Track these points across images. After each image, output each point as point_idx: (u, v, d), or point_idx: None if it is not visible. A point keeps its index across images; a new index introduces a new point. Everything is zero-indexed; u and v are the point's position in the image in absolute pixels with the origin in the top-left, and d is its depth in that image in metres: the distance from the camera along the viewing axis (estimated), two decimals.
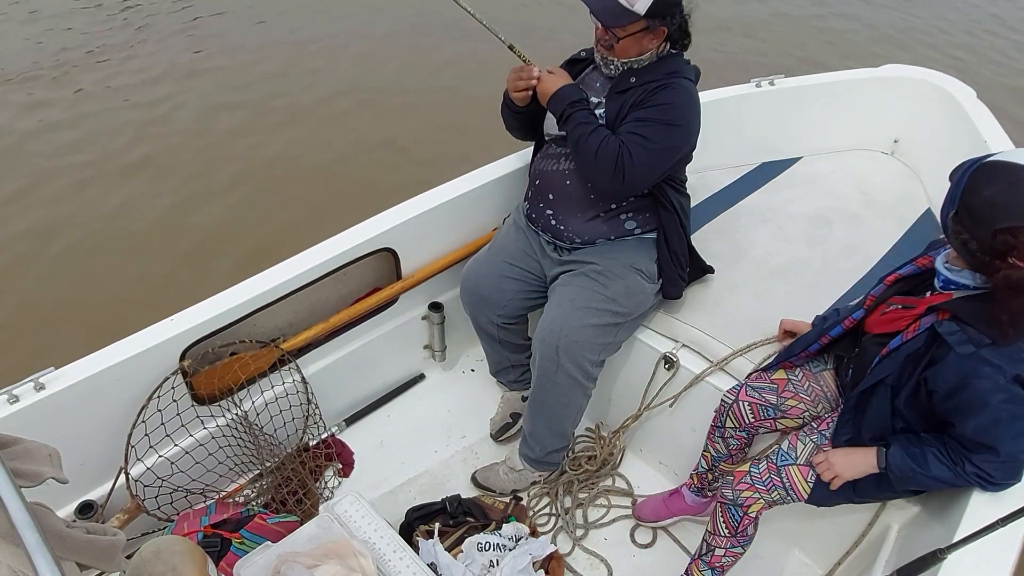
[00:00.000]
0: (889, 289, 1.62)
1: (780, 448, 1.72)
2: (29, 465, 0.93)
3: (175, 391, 1.88)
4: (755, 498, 1.70)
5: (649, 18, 1.82)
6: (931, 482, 1.48)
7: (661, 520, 2.13)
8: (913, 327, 1.46)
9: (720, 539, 1.78)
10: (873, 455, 1.55)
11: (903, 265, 1.63)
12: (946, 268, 1.45)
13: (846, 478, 1.57)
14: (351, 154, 4.58)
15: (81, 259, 3.68)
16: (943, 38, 6.43)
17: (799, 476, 1.66)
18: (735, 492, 1.72)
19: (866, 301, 1.66)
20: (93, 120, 4.83)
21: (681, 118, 1.88)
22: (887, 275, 1.65)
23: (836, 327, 1.71)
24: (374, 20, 6.28)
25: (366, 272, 2.25)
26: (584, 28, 1.99)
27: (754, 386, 1.82)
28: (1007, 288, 1.28)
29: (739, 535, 1.76)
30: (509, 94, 2.05)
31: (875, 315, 1.63)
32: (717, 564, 1.80)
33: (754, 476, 1.70)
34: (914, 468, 1.47)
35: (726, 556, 1.79)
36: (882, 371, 1.49)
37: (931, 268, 1.56)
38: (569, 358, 1.95)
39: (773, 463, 1.69)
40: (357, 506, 1.70)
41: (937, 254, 1.55)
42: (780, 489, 1.68)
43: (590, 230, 2.03)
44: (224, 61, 5.59)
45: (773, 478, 1.68)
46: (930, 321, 1.42)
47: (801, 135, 2.85)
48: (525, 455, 2.18)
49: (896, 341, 1.47)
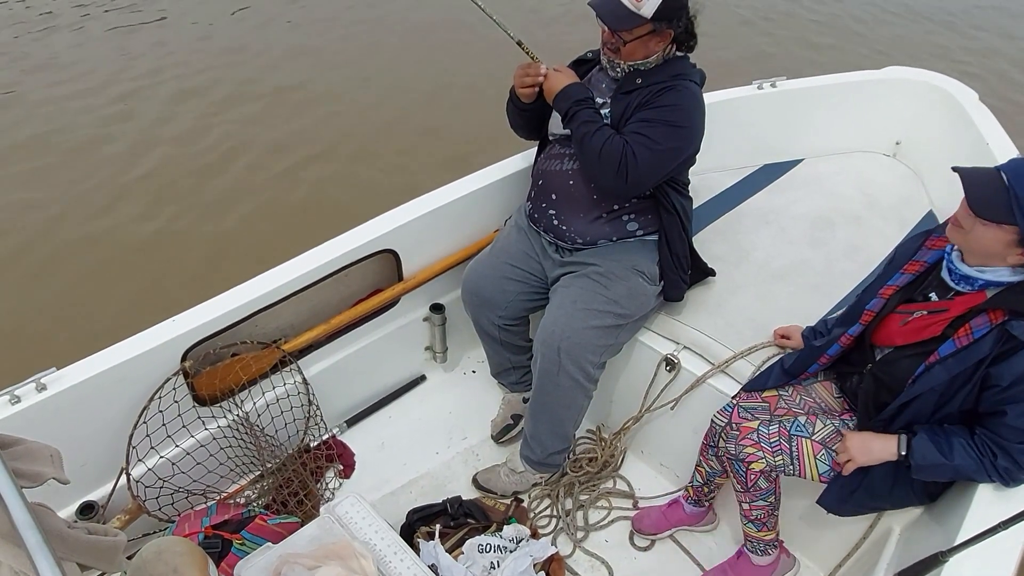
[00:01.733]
0: (891, 301, 1.60)
1: (797, 419, 1.71)
2: (31, 466, 0.94)
3: (176, 392, 1.88)
4: (758, 456, 1.69)
5: (656, 21, 1.82)
6: (951, 473, 1.48)
7: (661, 532, 2.12)
8: (963, 331, 1.43)
9: (740, 494, 1.81)
10: (892, 442, 1.52)
11: (895, 276, 1.62)
12: (977, 270, 1.44)
13: (859, 463, 1.55)
14: (352, 156, 4.58)
15: (81, 260, 3.68)
16: (943, 39, 6.43)
17: (810, 451, 1.66)
18: (738, 447, 1.72)
19: (863, 316, 1.63)
20: (92, 119, 4.83)
21: (686, 120, 1.88)
22: (881, 288, 1.63)
23: (833, 346, 1.69)
24: (375, 21, 6.29)
25: (367, 273, 2.25)
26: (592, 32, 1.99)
27: (745, 406, 1.82)
28: None
29: (751, 490, 1.76)
30: (515, 90, 2.05)
31: (888, 328, 1.60)
32: (752, 517, 1.82)
33: (761, 435, 1.70)
34: (939, 456, 1.45)
35: (753, 510, 1.80)
36: (933, 380, 1.46)
37: (924, 271, 1.55)
38: (571, 360, 1.94)
39: (786, 429, 1.69)
40: (358, 507, 1.70)
41: (928, 256, 1.55)
42: (785, 455, 1.67)
43: (592, 231, 2.03)
44: (226, 61, 5.60)
45: (782, 443, 1.68)
46: (983, 322, 1.41)
47: (803, 137, 2.85)
48: (526, 457, 2.18)
49: (948, 348, 1.45)
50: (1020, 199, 1.33)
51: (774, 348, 2.04)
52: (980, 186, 1.39)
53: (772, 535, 1.85)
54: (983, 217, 1.38)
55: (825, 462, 1.66)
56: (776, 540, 1.87)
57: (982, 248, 1.41)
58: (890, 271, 1.65)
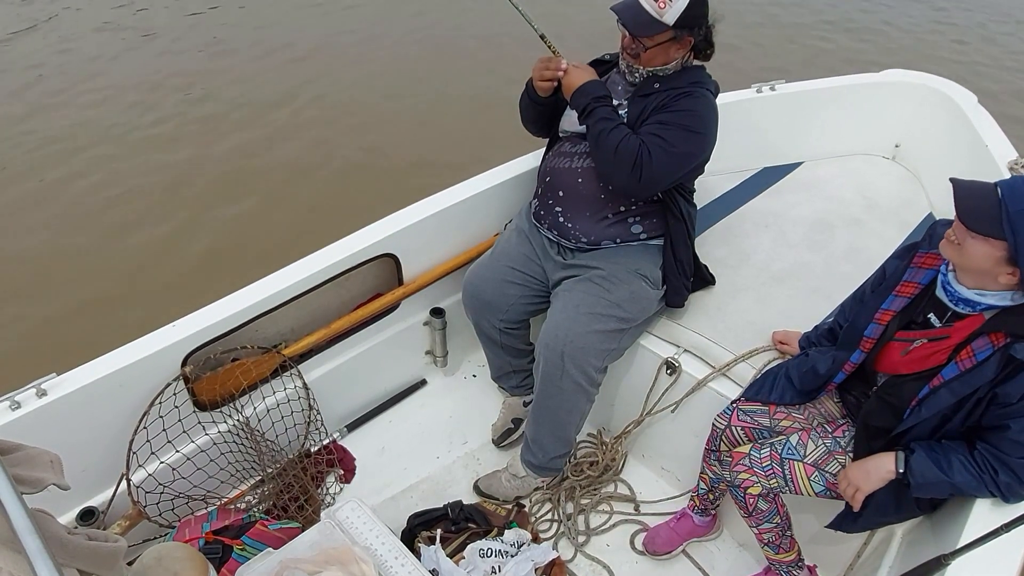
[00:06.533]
0: (889, 328, 1.58)
1: (788, 441, 1.70)
2: (31, 471, 0.93)
3: (177, 397, 1.87)
4: (753, 480, 1.69)
5: (677, 29, 1.83)
6: (951, 489, 1.46)
7: (675, 549, 2.10)
8: (964, 354, 1.42)
9: (745, 519, 1.80)
10: (890, 459, 1.50)
11: (890, 299, 1.59)
12: (978, 294, 1.42)
13: (867, 491, 1.53)
14: (352, 158, 4.59)
15: (82, 262, 3.68)
16: (943, 40, 6.44)
17: (803, 473, 1.65)
18: (732, 474, 1.72)
19: (863, 343, 1.61)
20: (96, 128, 4.85)
21: (701, 126, 1.89)
22: (878, 313, 1.60)
23: (839, 374, 1.67)
24: (375, 24, 6.30)
25: (368, 278, 2.25)
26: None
27: (745, 409, 1.81)
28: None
29: (754, 513, 1.76)
30: (533, 83, 2.05)
31: (890, 357, 1.58)
32: (765, 541, 1.82)
33: (753, 460, 1.70)
34: (938, 473, 1.44)
35: (763, 533, 1.80)
36: (939, 403, 1.45)
37: (919, 293, 1.54)
38: (574, 364, 1.94)
39: (777, 453, 1.69)
40: (359, 512, 1.70)
41: (922, 277, 1.53)
42: (779, 479, 1.67)
43: (597, 231, 2.03)
44: (228, 65, 5.61)
45: (774, 467, 1.67)
46: (985, 344, 1.40)
47: (802, 140, 2.86)
48: (528, 461, 2.18)
49: (951, 371, 1.43)
50: (1011, 213, 1.30)
51: (774, 352, 2.04)
52: (972, 198, 1.37)
53: (792, 555, 1.84)
54: (972, 229, 1.36)
55: (819, 482, 1.65)
56: (799, 560, 1.85)
57: (973, 265, 1.38)
58: (884, 291, 1.62)
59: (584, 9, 6.15)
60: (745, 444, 1.77)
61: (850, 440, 1.65)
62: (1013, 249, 1.31)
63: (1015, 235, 1.30)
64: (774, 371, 1.85)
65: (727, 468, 1.74)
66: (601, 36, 1.99)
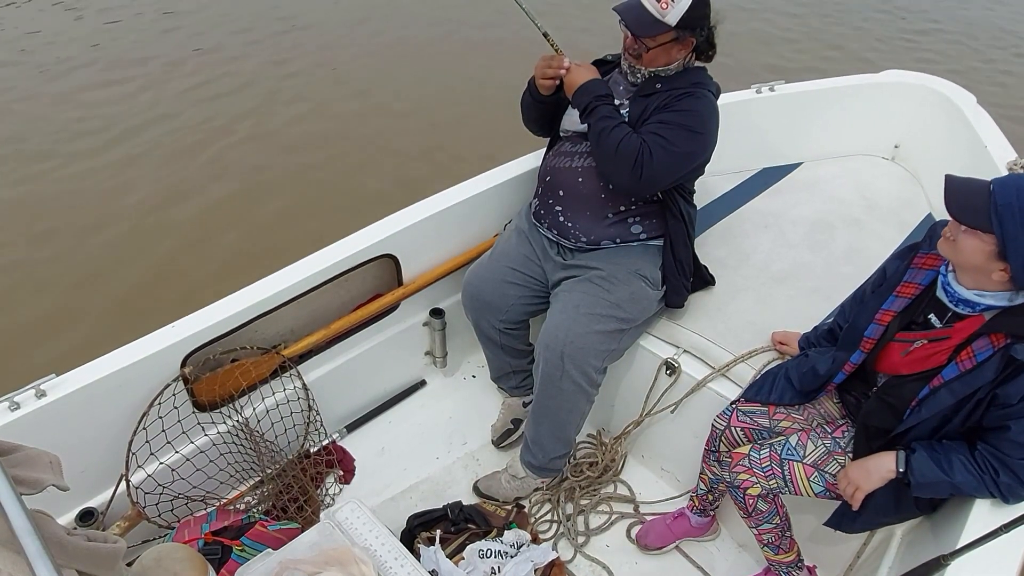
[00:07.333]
0: (890, 328, 1.58)
1: (787, 441, 1.70)
2: (30, 472, 0.93)
3: (176, 398, 1.87)
4: (752, 481, 1.69)
5: (679, 29, 1.84)
6: (951, 489, 1.46)
7: (667, 545, 2.11)
8: (965, 354, 1.42)
9: (745, 520, 1.79)
10: (890, 458, 1.50)
11: (890, 299, 1.59)
12: (977, 294, 1.42)
13: (867, 490, 1.53)
14: (353, 159, 4.59)
15: (82, 264, 3.68)
16: (943, 41, 6.45)
17: (802, 474, 1.65)
18: (732, 475, 1.72)
19: (863, 343, 1.61)
20: (103, 120, 4.85)
21: (702, 126, 1.90)
22: (878, 314, 1.60)
23: (839, 374, 1.68)
24: (375, 24, 6.31)
25: (367, 278, 2.25)
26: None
27: (744, 410, 1.81)
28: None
29: (753, 514, 1.76)
30: (535, 81, 2.05)
31: (890, 357, 1.58)
32: (764, 541, 1.82)
33: (752, 460, 1.70)
34: (939, 473, 1.44)
35: (762, 534, 1.80)
36: (939, 404, 1.45)
37: (920, 294, 1.53)
38: (574, 364, 1.94)
39: (776, 453, 1.69)
40: (358, 513, 1.70)
41: (922, 278, 1.53)
42: (779, 479, 1.67)
43: (597, 231, 2.03)
44: (228, 65, 5.61)
45: (774, 468, 1.67)
46: (985, 345, 1.40)
47: (802, 140, 2.86)
48: (527, 461, 2.18)
49: (951, 372, 1.44)
50: (999, 206, 1.30)
51: (773, 352, 2.05)
52: (963, 192, 1.37)
53: (792, 556, 1.84)
54: (961, 221, 1.36)
55: (819, 483, 1.65)
56: (799, 561, 1.86)
57: (966, 260, 1.38)
58: (884, 292, 1.62)
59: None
60: (745, 445, 1.78)
61: (850, 441, 1.65)
62: (1001, 242, 1.31)
63: (1002, 227, 1.30)
64: (774, 372, 1.85)
65: (727, 469, 1.74)
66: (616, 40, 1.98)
